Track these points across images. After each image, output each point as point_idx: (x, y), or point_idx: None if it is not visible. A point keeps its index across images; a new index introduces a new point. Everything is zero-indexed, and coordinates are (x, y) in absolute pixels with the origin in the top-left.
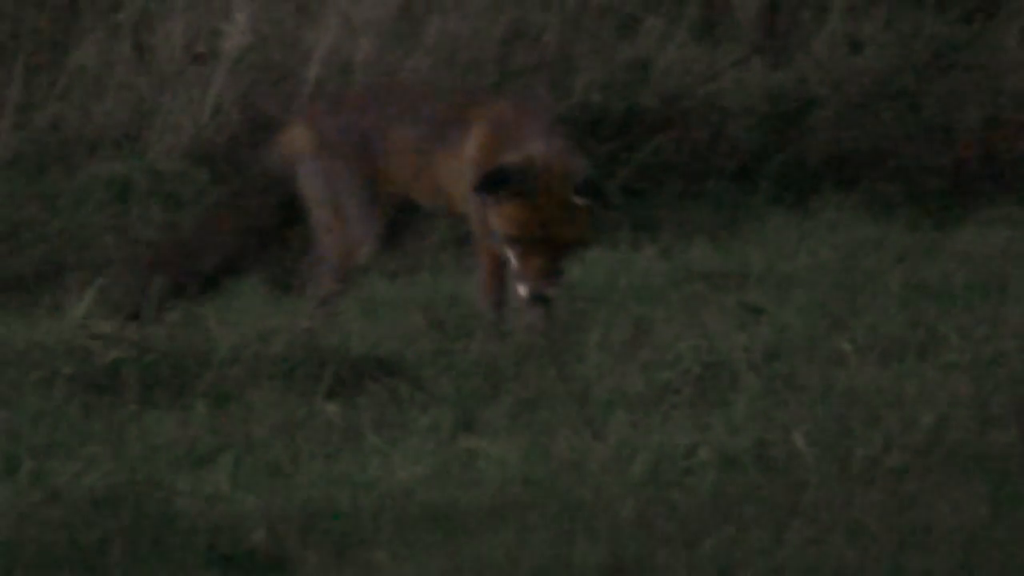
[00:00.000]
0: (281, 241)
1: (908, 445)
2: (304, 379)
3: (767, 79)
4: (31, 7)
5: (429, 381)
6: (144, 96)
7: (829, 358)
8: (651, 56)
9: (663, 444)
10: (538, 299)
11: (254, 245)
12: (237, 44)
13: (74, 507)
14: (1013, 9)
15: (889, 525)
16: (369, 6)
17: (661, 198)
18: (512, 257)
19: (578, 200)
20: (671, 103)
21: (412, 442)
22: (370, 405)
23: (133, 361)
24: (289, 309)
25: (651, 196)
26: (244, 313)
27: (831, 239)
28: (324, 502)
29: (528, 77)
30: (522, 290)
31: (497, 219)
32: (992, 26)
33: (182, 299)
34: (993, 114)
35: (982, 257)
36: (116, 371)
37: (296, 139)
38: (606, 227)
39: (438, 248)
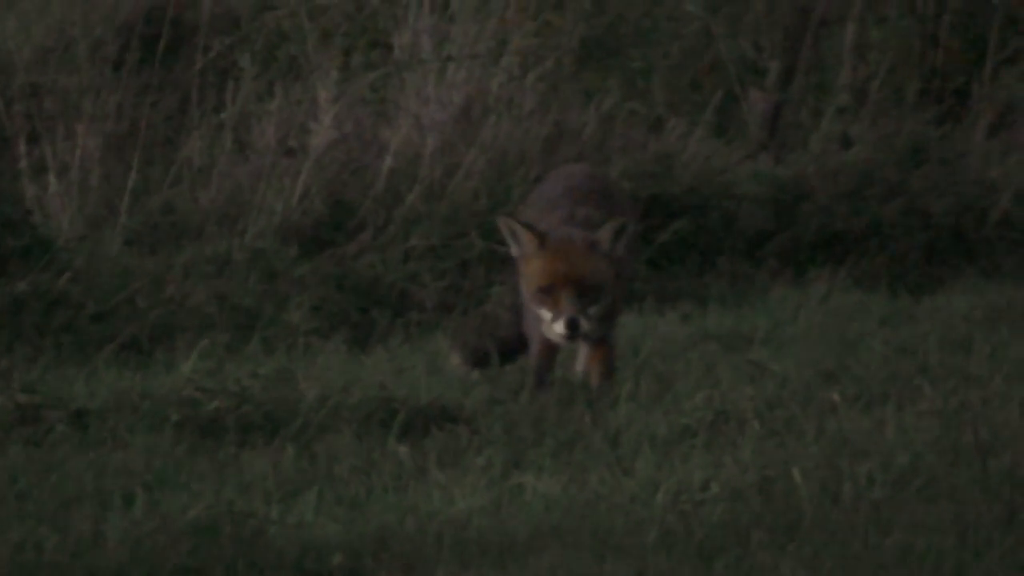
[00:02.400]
0: None
1: (888, 480)
2: (378, 425)
3: (771, 171)
4: (146, 106)
5: (484, 427)
6: (242, 184)
7: (822, 407)
8: (674, 151)
9: (682, 479)
10: (573, 329)
11: None
12: (323, 140)
13: (181, 534)
14: (980, 111)
15: (872, 548)
16: (435, 109)
17: (682, 271)
18: (544, 309)
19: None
20: (691, 191)
21: (469, 479)
22: (434, 447)
23: (232, 410)
24: (366, 364)
25: (673, 270)
26: (327, 368)
27: (824, 306)
28: (394, 529)
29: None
30: (558, 328)
31: (524, 280)
32: (962, 125)
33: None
34: (963, 200)
35: (951, 320)
36: (218, 418)
37: None
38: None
39: None
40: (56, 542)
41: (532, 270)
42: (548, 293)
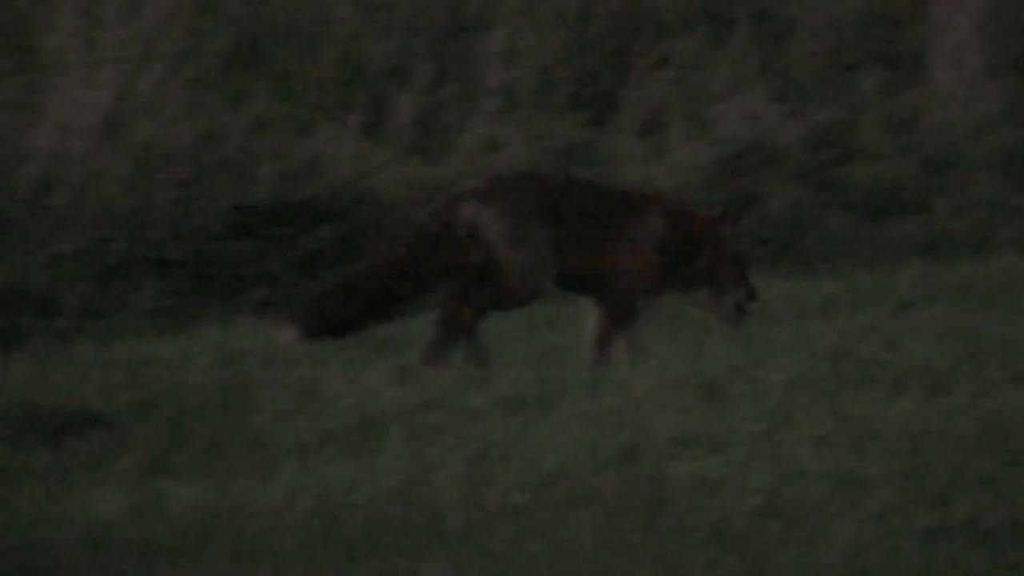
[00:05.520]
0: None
1: (532, 485)
2: (20, 431)
3: (420, 174)
4: None
5: (127, 432)
6: None
7: (467, 411)
8: (323, 154)
9: (325, 485)
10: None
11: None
12: None
13: None
14: (627, 115)
15: (515, 553)
16: (81, 112)
17: (330, 275)
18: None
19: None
20: (339, 194)
21: (110, 484)
22: (76, 452)
23: None
24: (9, 370)
25: (321, 273)
26: None
27: None
28: (33, 537)
29: (216, 172)
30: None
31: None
32: (611, 128)
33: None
34: None
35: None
36: None
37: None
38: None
39: (140, 316)
40: None
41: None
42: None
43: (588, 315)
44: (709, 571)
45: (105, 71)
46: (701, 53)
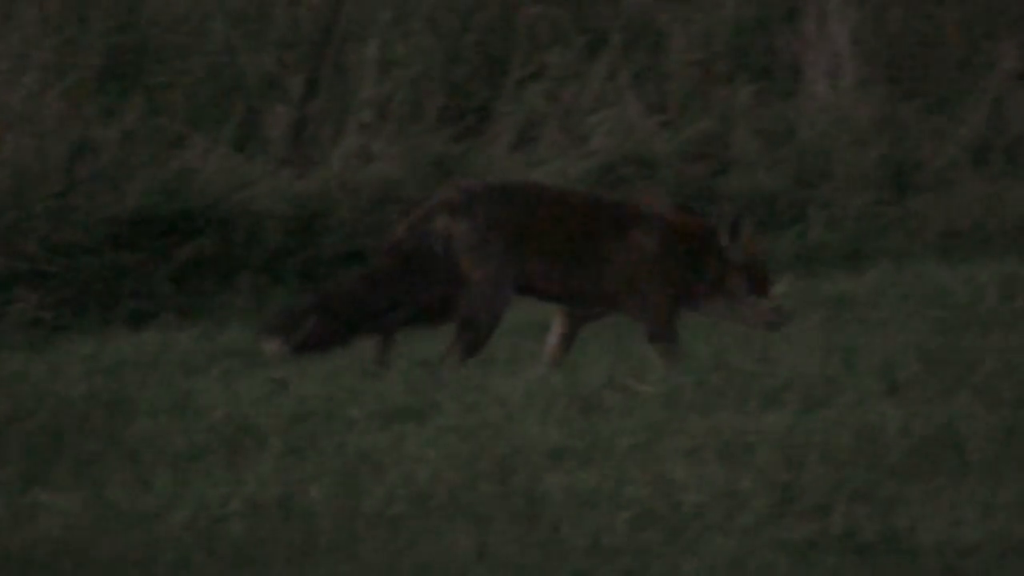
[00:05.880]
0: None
1: (408, 497)
2: None
3: (293, 187)
4: None
5: (2, 443)
6: None
7: (343, 422)
8: (196, 167)
9: (201, 496)
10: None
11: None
12: None
13: None
14: (499, 127)
15: (392, 565)
16: None
17: (203, 288)
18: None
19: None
20: (212, 207)
21: None
22: None
23: None
24: None
25: (194, 286)
26: None
27: None
28: None
29: (90, 185)
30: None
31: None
32: (484, 141)
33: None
34: None
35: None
36: None
37: None
38: None
39: (15, 329)
40: None
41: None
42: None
43: (555, 327)
44: None
45: None
46: (575, 65)
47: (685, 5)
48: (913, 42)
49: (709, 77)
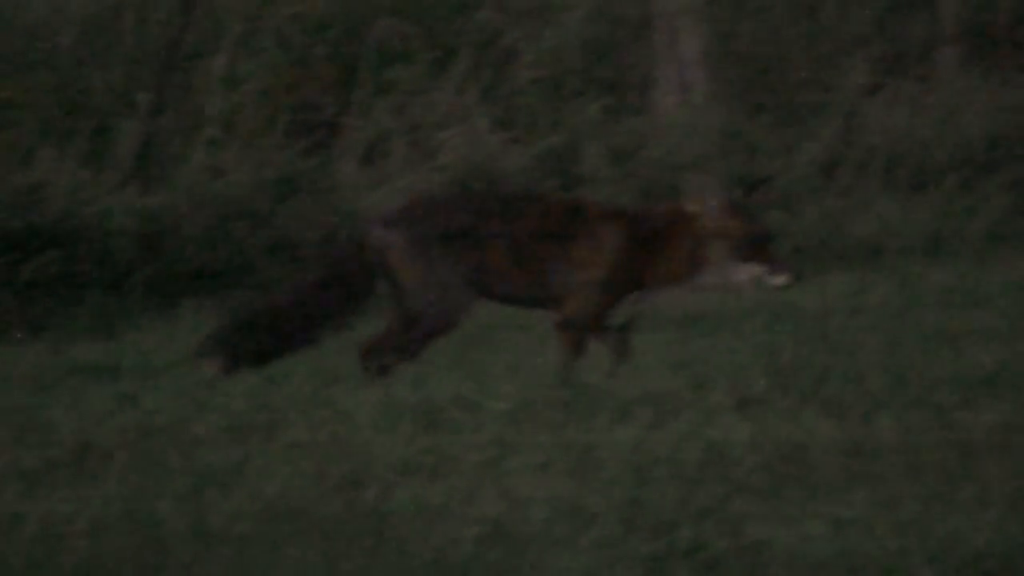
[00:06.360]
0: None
1: (255, 512)
2: None
3: (141, 202)
4: None
5: None
6: None
7: (190, 438)
8: (44, 182)
9: (47, 511)
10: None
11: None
12: None
13: None
14: (348, 143)
15: None
16: None
17: (50, 303)
18: (759, 262)
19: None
20: (60, 222)
21: None
22: None
23: None
24: None
25: (41, 301)
26: None
27: (197, 335)
28: None
29: None
30: (782, 278)
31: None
32: (332, 156)
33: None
34: (331, 231)
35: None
36: None
37: None
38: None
39: None
40: None
41: (737, 228)
42: (761, 249)
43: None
44: None
45: None
46: (423, 80)
47: (534, 21)
48: (763, 58)
49: (558, 93)
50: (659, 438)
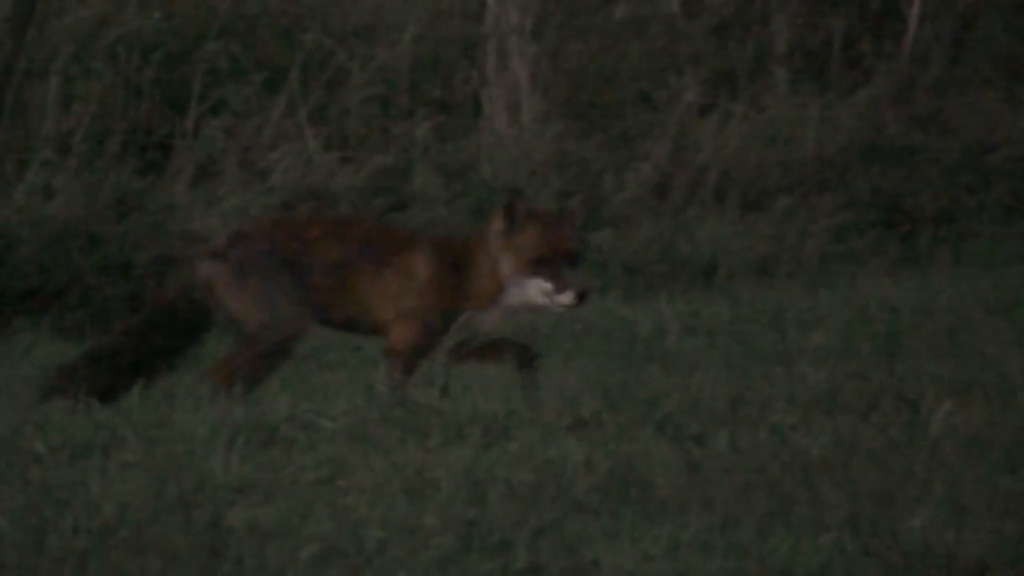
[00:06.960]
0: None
1: (92, 531)
2: None
3: None
4: None
5: None
6: None
7: (27, 456)
8: None
9: None
10: (585, 297)
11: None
12: None
13: None
14: (182, 163)
15: None
16: None
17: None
18: (544, 279)
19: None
20: None
21: None
22: None
23: None
24: None
25: None
26: None
27: (28, 358)
28: None
29: None
30: (565, 298)
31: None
32: (165, 177)
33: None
34: (166, 251)
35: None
36: None
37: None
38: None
39: None
40: None
41: (526, 242)
42: (547, 264)
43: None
44: None
45: None
46: (253, 100)
47: (363, 41)
48: (593, 77)
49: (388, 112)
50: (493, 458)
